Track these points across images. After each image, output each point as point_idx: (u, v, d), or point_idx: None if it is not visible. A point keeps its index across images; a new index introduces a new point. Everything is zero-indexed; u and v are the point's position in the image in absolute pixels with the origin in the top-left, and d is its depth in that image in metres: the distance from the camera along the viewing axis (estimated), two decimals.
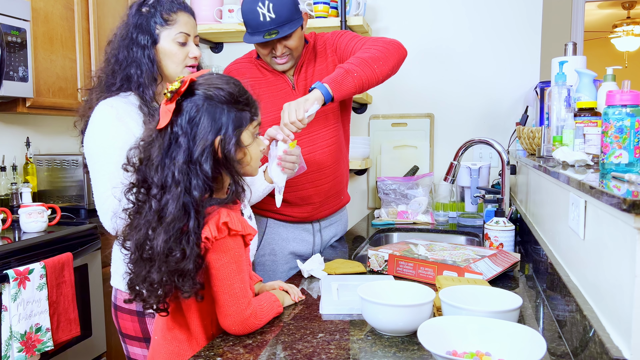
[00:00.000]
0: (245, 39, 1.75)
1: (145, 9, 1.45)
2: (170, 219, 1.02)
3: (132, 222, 1.10)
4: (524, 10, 2.74)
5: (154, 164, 1.06)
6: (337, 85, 1.61)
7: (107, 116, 1.39)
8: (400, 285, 1.22)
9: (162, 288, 1.05)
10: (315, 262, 1.56)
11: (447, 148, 2.86)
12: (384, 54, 1.70)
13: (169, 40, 1.45)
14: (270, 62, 1.81)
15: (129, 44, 1.43)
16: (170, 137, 1.07)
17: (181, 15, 1.47)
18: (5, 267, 1.86)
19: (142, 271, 1.06)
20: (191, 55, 1.49)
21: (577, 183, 0.99)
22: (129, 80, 1.43)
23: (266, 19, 1.68)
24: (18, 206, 2.35)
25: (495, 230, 1.77)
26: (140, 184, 1.09)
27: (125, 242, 1.11)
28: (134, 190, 1.10)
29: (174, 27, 1.45)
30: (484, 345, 0.94)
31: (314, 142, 1.85)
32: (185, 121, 1.07)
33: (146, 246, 1.05)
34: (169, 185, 1.04)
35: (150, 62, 1.43)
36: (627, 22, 6.36)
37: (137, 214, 1.09)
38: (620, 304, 0.81)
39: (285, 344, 1.08)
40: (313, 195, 1.89)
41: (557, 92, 1.52)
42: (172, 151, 1.06)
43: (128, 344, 1.48)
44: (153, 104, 1.44)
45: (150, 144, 1.08)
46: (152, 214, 1.05)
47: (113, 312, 1.51)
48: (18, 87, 2.27)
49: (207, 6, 2.82)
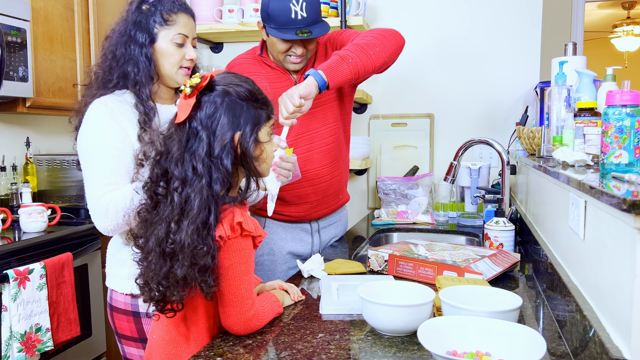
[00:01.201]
0: (273, 33, 1.72)
1: (146, 7, 1.44)
2: (195, 212, 1.02)
3: (148, 218, 1.09)
4: (524, 10, 2.74)
5: (174, 157, 1.06)
6: (331, 72, 1.59)
7: (101, 115, 1.38)
8: (400, 285, 1.22)
9: (187, 284, 1.04)
10: (315, 262, 1.56)
11: (447, 148, 2.86)
12: (380, 41, 1.68)
13: (166, 41, 1.44)
14: (284, 60, 1.80)
15: (127, 40, 1.42)
16: (189, 132, 1.07)
17: (181, 16, 1.46)
18: (5, 267, 1.86)
19: (163, 268, 1.05)
20: (188, 57, 1.47)
21: (577, 183, 0.99)
22: (125, 77, 1.42)
23: (298, 16, 1.67)
24: (18, 206, 2.34)
25: (495, 230, 1.77)
26: (159, 177, 1.08)
27: (137, 240, 1.10)
28: (148, 186, 1.09)
29: (172, 28, 1.44)
30: (484, 345, 0.94)
31: (312, 141, 1.85)
32: (205, 116, 1.07)
33: (169, 240, 1.04)
34: (190, 178, 1.04)
35: (148, 60, 1.42)
36: (627, 22, 6.36)
37: (154, 209, 1.08)
38: (621, 304, 0.81)
39: (285, 344, 1.08)
40: (310, 193, 1.88)
41: (557, 92, 1.52)
42: (192, 145, 1.06)
43: (124, 344, 1.48)
44: (149, 102, 1.43)
45: (168, 138, 1.08)
46: (174, 207, 1.04)
47: (109, 313, 1.51)
48: (18, 87, 2.27)
49: (207, 6, 2.82)
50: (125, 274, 1.44)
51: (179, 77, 1.47)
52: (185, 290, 1.06)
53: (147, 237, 1.07)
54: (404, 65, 2.84)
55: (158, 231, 1.05)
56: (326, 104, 1.86)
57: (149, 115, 1.40)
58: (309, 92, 1.56)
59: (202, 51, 3.14)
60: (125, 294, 1.45)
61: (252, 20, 2.73)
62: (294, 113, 1.53)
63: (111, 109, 1.39)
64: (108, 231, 1.37)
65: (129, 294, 1.44)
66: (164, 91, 1.52)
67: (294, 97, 1.52)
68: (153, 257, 1.06)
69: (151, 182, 1.09)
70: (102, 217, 1.35)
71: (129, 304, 1.44)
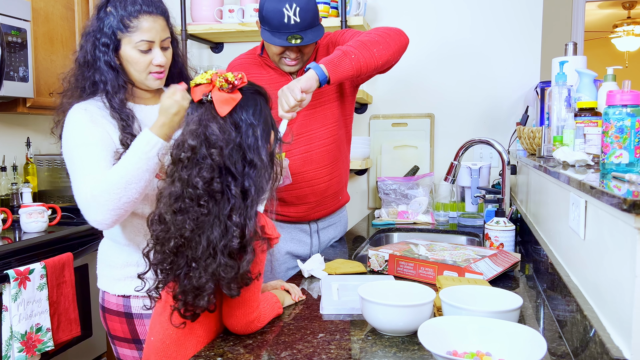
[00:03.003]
0: (265, 37, 1.71)
1: (106, 12, 1.36)
2: (261, 197, 1.05)
3: (199, 218, 1.03)
4: (525, 10, 2.73)
5: (224, 153, 1.04)
6: (333, 66, 1.56)
7: (81, 119, 1.34)
8: (401, 285, 1.22)
9: (241, 281, 1.04)
10: (316, 262, 1.56)
11: (448, 148, 2.86)
12: (384, 39, 1.66)
13: (130, 48, 1.36)
14: (279, 62, 1.79)
15: (91, 48, 1.36)
16: (234, 127, 1.07)
17: (144, 20, 1.35)
18: (6, 267, 1.86)
19: (213, 264, 1.02)
20: (155, 62, 1.37)
21: (578, 183, 0.99)
22: (96, 86, 1.37)
23: (290, 21, 1.65)
24: (18, 206, 2.34)
25: (495, 230, 1.77)
26: (218, 174, 1.04)
27: (173, 242, 1.04)
28: (200, 186, 1.04)
29: (134, 34, 1.35)
30: (484, 345, 0.94)
31: (311, 141, 1.84)
32: (247, 113, 1.08)
33: (232, 234, 1.02)
34: (246, 172, 1.05)
35: (113, 69, 1.36)
36: (627, 22, 6.36)
37: (204, 208, 1.04)
38: (621, 304, 0.81)
39: (285, 344, 1.08)
40: (309, 194, 1.88)
41: (557, 92, 1.51)
42: (244, 140, 1.07)
43: (117, 345, 1.47)
44: (124, 109, 1.37)
45: (216, 136, 1.04)
46: (234, 199, 1.03)
47: (101, 314, 1.49)
48: (18, 87, 2.27)
49: (207, 6, 2.82)
50: (117, 275, 1.43)
51: (149, 82, 1.41)
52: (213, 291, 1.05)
53: (195, 243, 1.02)
54: (405, 65, 2.83)
55: (217, 230, 1.02)
56: (326, 104, 1.85)
57: (126, 121, 1.36)
58: (310, 86, 1.52)
59: (202, 51, 3.14)
60: (117, 296, 1.43)
61: (252, 21, 2.73)
62: (294, 107, 1.50)
63: (91, 113, 1.35)
64: (102, 224, 1.28)
65: (121, 295, 1.42)
66: (143, 92, 1.46)
67: (295, 91, 1.49)
68: (197, 256, 1.02)
69: (203, 181, 1.03)
70: (93, 213, 1.27)
71: (122, 306, 1.42)
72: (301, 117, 1.78)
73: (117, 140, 1.35)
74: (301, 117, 1.78)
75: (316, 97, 1.80)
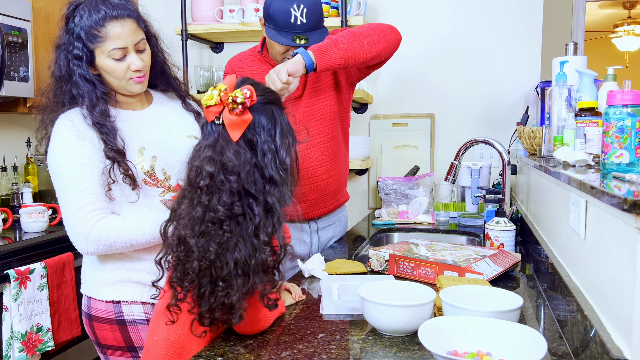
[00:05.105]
0: (271, 35, 1.71)
1: (74, 23, 1.31)
2: (279, 223, 1.05)
3: (222, 240, 1.03)
4: (525, 10, 2.73)
5: (242, 177, 1.03)
6: (321, 53, 1.56)
7: (68, 134, 1.31)
8: (401, 285, 1.22)
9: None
10: (316, 262, 1.57)
11: (448, 148, 2.86)
12: (375, 33, 1.67)
13: (104, 57, 1.32)
14: (281, 61, 1.78)
15: (65, 63, 1.33)
16: (250, 146, 1.06)
17: (111, 27, 1.29)
18: (6, 267, 1.86)
19: (247, 283, 1.03)
20: (132, 68, 1.33)
21: (578, 183, 0.99)
22: (74, 99, 1.34)
23: (297, 22, 1.66)
24: (19, 206, 2.35)
25: (496, 230, 1.77)
26: (237, 197, 1.03)
27: (203, 261, 1.03)
28: (221, 213, 1.04)
29: (105, 44, 1.30)
30: (484, 345, 0.93)
31: (310, 138, 1.84)
32: (261, 129, 1.07)
33: (261, 252, 1.03)
34: (267, 189, 1.05)
35: (89, 82, 1.32)
36: (627, 22, 6.36)
37: (226, 231, 1.04)
38: (621, 304, 0.81)
39: (286, 343, 1.08)
40: (308, 192, 1.88)
41: (557, 92, 1.51)
42: (260, 159, 1.06)
43: (109, 355, 1.39)
44: (107, 120, 1.33)
45: (233, 163, 1.03)
46: (258, 217, 1.03)
47: (86, 323, 1.40)
48: (19, 87, 2.28)
49: (208, 6, 2.82)
50: (105, 279, 1.37)
51: (131, 88, 1.37)
52: None
53: (220, 263, 1.02)
54: (405, 65, 2.84)
55: (245, 250, 1.03)
56: (323, 101, 1.86)
57: (107, 135, 1.32)
58: (296, 70, 1.52)
59: (202, 51, 3.14)
60: (106, 302, 1.36)
61: (252, 20, 2.73)
62: (281, 90, 1.50)
63: (77, 126, 1.32)
64: (88, 253, 1.32)
65: (110, 301, 1.36)
66: (127, 97, 1.43)
67: (281, 74, 1.49)
68: (234, 279, 1.02)
69: (224, 207, 1.03)
70: (83, 241, 1.29)
71: (112, 312, 1.36)
72: (299, 114, 1.79)
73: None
74: (299, 115, 1.79)
75: (313, 95, 1.81)
